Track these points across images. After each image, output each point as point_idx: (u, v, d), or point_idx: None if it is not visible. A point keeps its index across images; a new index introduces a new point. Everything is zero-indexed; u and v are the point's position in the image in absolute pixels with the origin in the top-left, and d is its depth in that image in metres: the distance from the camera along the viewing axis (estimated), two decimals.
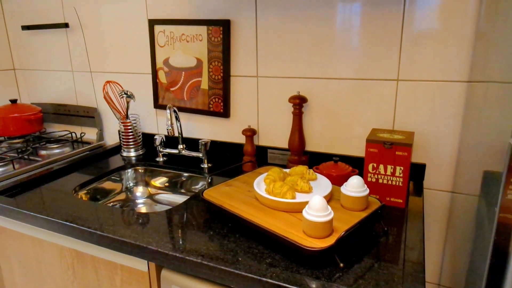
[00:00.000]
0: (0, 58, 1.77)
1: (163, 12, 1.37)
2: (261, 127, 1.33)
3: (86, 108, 1.66)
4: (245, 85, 1.31)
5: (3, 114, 1.56)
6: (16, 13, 1.72)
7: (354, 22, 1.10)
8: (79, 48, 1.60)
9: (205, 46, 1.32)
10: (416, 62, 1.06)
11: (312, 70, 1.19)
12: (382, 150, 0.99)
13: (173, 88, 1.43)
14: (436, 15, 1.01)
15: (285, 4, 1.17)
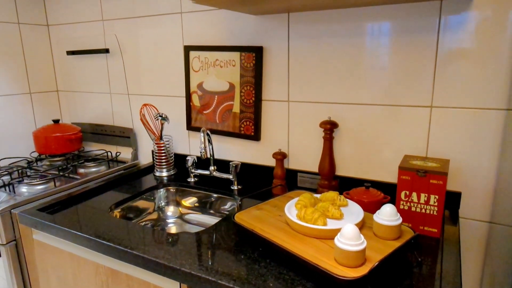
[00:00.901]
0: (46, 81, 1.89)
1: (198, 38, 1.43)
2: (292, 150, 1.35)
3: (122, 128, 1.73)
4: (276, 109, 1.34)
5: (46, 134, 1.66)
6: (62, 40, 1.84)
7: (386, 49, 1.11)
8: (118, 72, 1.69)
9: (237, 71, 1.36)
10: (451, 89, 1.05)
11: (343, 95, 1.20)
12: (415, 178, 0.97)
13: (206, 111, 1.47)
14: (471, 40, 1.00)
15: (316, 32, 1.20)
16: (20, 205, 1.26)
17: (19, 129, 1.80)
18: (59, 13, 1.81)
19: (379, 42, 1.12)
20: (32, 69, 1.82)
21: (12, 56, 1.73)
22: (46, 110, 1.91)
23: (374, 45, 1.13)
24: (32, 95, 1.84)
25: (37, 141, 1.67)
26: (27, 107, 1.82)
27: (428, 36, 1.05)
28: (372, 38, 1.12)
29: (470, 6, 0.99)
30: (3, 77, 1.71)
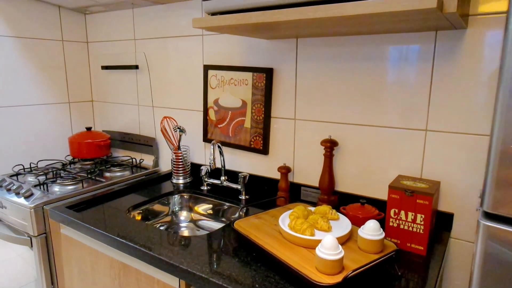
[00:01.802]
0: (82, 92, 2.10)
1: (216, 59, 1.57)
2: (297, 165, 1.43)
3: (146, 137, 1.89)
4: (283, 126, 1.44)
5: (79, 140, 1.84)
6: (98, 56, 2.04)
7: (385, 74, 1.19)
8: (145, 86, 1.85)
9: (250, 90, 1.48)
10: (444, 114, 1.11)
11: (345, 116, 1.28)
12: (404, 197, 1.03)
13: (221, 125, 1.59)
14: (463, 69, 1.06)
15: (321, 56, 1.29)
16: (52, 202, 1.42)
17: (58, 134, 2.00)
18: (97, 31, 2.02)
19: (379, 67, 1.19)
20: (71, 81, 2.03)
21: (55, 69, 1.94)
22: (81, 118, 2.11)
23: (374, 70, 1.20)
24: (70, 105, 2.04)
25: (72, 146, 1.86)
26: (66, 115, 2.02)
27: (424, 63, 1.12)
28: (372, 64, 1.20)
29: (462, 36, 1.05)
30: (47, 88, 1.92)
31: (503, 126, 0.62)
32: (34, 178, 1.64)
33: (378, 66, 1.20)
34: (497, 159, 0.63)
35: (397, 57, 1.16)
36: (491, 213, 0.65)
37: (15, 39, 1.77)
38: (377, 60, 1.19)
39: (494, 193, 0.64)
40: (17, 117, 1.82)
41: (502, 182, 0.63)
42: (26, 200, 1.41)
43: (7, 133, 1.79)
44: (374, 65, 1.20)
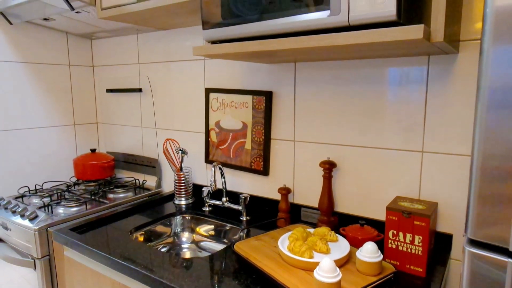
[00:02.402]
0: (88, 114, 2.15)
1: (217, 82, 1.61)
2: (297, 186, 1.45)
3: (149, 159, 1.92)
4: (283, 148, 1.46)
5: (83, 161, 1.87)
6: (103, 79, 2.10)
7: (381, 97, 1.22)
8: (148, 108, 1.90)
9: (250, 112, 1.51)
10: (439, 136, 1.13)
11: (343, 138, 1.31)
12: (401, 219, 1.05)
13: (222, 147, 1.62)
14: (456, 92, 1.09)
15: (319, 80, 1.33)
16: (56, 224, 1.45)
17: (63, 155, 2.04)
18: (103, 56, 2.08)
19: (374, 90, 1.22)
20: (77, 104, 2.08)
21: (62, 92, 2.00)
22: (86, 139, 2.15)
23: (370, 93, 1.23)
24: (76, 126, 2.09)
25: (76, 167, 1.89)
26: (71, 137, 2.07)
27: (418, 86, 1.15)
28: (368, 86, 1.23)
29: (454, 61, 1.08)
30: (53, 111, 1.97)
31: (482, 146, 0.63)
32: (39, 200, 1.67)
33: (373, 88, 1.23)
34: (478, 180, 0.65)
35: (392, 80, 1.19)
36: (474, 240, 0.66)
37: (24, 65, 1.83)
38: (372, 83, 1.23)
39: (477, 219, 0.65)
40: (24, 140, 1.86)
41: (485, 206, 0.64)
42: (31, 222, 1.44)
43: (14, 155, 1.83)
44: (370, 88, 1.23)
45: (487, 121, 0.62)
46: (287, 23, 0.90)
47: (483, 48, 0.61)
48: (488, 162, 0.63)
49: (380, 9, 0.77)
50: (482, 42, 0.61)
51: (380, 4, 0.77)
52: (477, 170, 0.65)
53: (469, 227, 0.66)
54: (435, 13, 0.77)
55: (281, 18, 0.91)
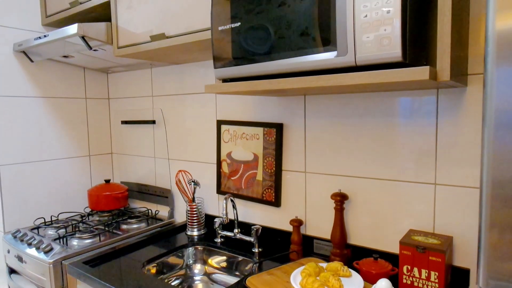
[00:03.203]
0: (103, 145, 2.20)
1: (229, 114, 1.64)
2: (308, 217, 1.45)
3: (162, 189, 1.94)
4: (294, 179, 1.47)
5: (98, 192, 1.91)
6: (118, 111, 2.16)
7: (391, 130, 1.22)
8: (161, 140, 1.94)
9: (261, 144, 1.53)
10: (452, 168, 1.12)
11: (354, 169, 1.31)
12: (416, 254, 1.03)
13: (233, 178, 1.64)
14: (466, 124, 1.09)
15: (328, 112, 1.35)
16: (70, 257, 1.46)
17: (78, 186, 2.08)
18: (118, 88, 2.15)
19: (385, 122, 1.23)
20: (92, 135, 2.14)
21: (78, 124, 2.06)
22: (101, 169, 2.20)
23: (380, 125, 1.24)
24: (91, 157, 2.14)
25: (91, 198, 1.93)
26: (86, 167, 2.11)
27: (428, 119, 1.15)
28: (379, 119, 1.25)
29: (463, 94, 1.09)
30: (70, 142, 2.03)
31: (491, 171, 0.62)
32: (54, 232, 1.70)
33: (384, 120, 1.24)
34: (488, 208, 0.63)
35: (402, 112, 1.20)
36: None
37: (43, 99, 1.91)
38: (382, 114, 1.24)
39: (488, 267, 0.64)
40: (41, 171, 1.91)
41: (497, 248, 0.63)
42: (46, 255, 1.46)
43: (31, 187, 1.87)
44: (380, 119, 1.24)
45: (495, 143, 0.61)
46: (296, 63, 0.93)
47: (487, 69, 0.61)
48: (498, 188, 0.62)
49: (386, 50, 0.79)
50: (486, 63, 0.61)
51: (386, 46, 0.79)
52: (487, 196, 0.63)
53: (480, 276, 0.65)
54: (441, 53, 0.79)
55: (290, 59, 0.94)
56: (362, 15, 0.81)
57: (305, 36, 0.90)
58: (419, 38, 0.86)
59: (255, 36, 1.00)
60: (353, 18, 0.83)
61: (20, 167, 1.84)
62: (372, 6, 0.80)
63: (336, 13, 0.85)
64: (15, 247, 1.62)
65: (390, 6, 0.78)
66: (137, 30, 1.44)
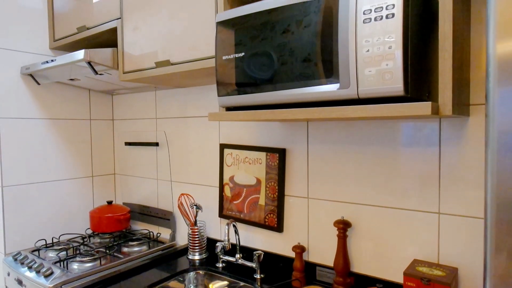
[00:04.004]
0: (106, 165, 2.21)
1: (232, 138, 1.65)
2: (311, 243, 1.43)
3: (164, 211, 1.94)
4: (297, 204, 1.46)
5: (99, 214, 1.90)
6: (122, 132, 2.18)
7: (395, 157, 1.22)
8: (164, 162, 1.94)
9: (263, 168, 1.53)
10: (456, 198, 1.12)
11: (357, 196, 1.30)
12: (420, 286, 1.01)
13: (236, 202, 1.63)
14: (469, 154, 1.09)
15: (332, 138, 1.35)
16: (70, 281, 1.45)
17: (80, 207, 2.07)
18: (122, 110, 2.17)
19: (388, 149, 1.23)
20: (96, 156, 2.15)
21: (82, 145, 2.08)
22: (103, 190, 2.20)
23: (383, 152, 1.24)
24: (94, 178, 2.14)
25: (92, 220, 1.92)
26: (88, 188, 2.12)
27: (431, 147, 1.15)
28: (382, 146, 1.25)
29: (466, 124, 1.09)
30: (73, 163, 2.03)
31: (495, 191, 0.61)
32: (55, 255, 1.69)
33: (387, 148, 1.24)
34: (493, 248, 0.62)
35: (404, 139, 1.20)
36: None
37: (48, 121, 1.92)
38: (385, 142, 1.24)
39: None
40: (43, 192, 1.91)
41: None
42: (46, 279, 1.44)
43: (33, 207, 1.87)
44: (383, 147, 1.25)
45: (499, 165, 0.61)
46: (299, 94, 0.94)
47: (489, 91, 0.60)
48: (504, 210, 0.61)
49: (388, 84, 0.80)
50: (487, 85, 0.61)
51: (388, 80, 0.80)
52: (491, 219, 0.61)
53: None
54: (442, 88, 0.79)
55: (293, 89, 0.95)
56: (364, 50, 0.83)
57: (307, 63, 0.91)
58: (421, 70, 0.87)
59: (258, 63, 1.01)
60: (355, 52, 0.84)
61: (23, 188, 1.84)
62: (374, 41, 0.81)
63: (338, 46, 0.87)
64: (15, 270, 1.60)
65: (392, 42, 0.79)
66: (142, 51, 1.46)
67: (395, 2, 0.78)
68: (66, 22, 1.82)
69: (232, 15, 1.07)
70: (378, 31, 0.80)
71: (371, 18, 0.81)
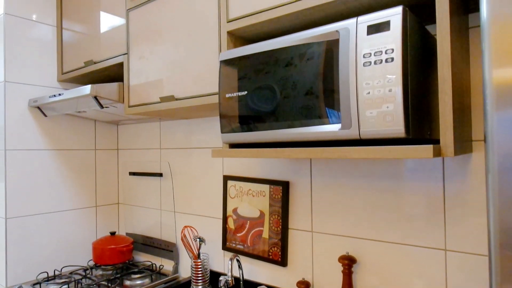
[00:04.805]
0: (110, 195, 2.21)
1: (235, 170, 1.66)
2: (316, 279, 1.40)
3: (167, 242, 1.92)
4: (301, 238, 1.44)
5: (102, 245, 1.89)
6: (127, 162, 2.19)
7: (399, 193, 1.21)
8: (168, 192, 1.94)
9: (267, 201, 1.52)
10: (462, 235, 1.10)
11: (362, 231, 1.29)
12: None
13: (239, 234, 1.62)
14: (472, 190, 1.08)
15: (335, 173, 1.35)
16: None
17: (83, 238, 2.06)
18: (127, 140, 2.19)
19: (392, 184, 1.23)
20: (100, 185, 2.16)
21: (86, 175, 2.09)
22: (107, 220, 2.19)
23: (387, 188, 1.24)
24: (97, 208, 2.14)
25: (95, 251, 1.91)
26: (92, 219, 2.11)
27: (435, 183, 1.15)
28: (386, 181, 1.24)
29: (469, 159, 1.09)
30: (77, 194, 2.04)
31: (498, 216, 0.60)
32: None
33: (391, 182, 1.23)
34: None
35: (408, 174, 1.20)
36: None
37: (54, 151, 1.95)
38: (390, 176, 1.24)
39: None
40: (47, 224, 1.91)
41: None
42: None
43: (36, 240, 1.87)
44: (387, 181, 1.24)
45: (500, 189, 0.60)
46: (301, 133, 0.95)
47: (486, 115, 0.60)
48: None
49: (389, 126, 0.81)
50: (484, 106, 0.61)
51: (389, 122, 0.81)
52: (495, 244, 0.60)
53: None
54: (443, 129, 0.80)
55: (295, 128, 0.96)
56: (364, 92, 0.84)
57: (309, 96, 0.92)
58: (422, 110, 0.88)
59: (261, 96, 1.02)
60: (356, 94, 0.85)
61: (27, 220, 1.84)
62: (374, 83, 0.82)
63: (339, 88, 0.88)
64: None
65: (392, 85, 0.80)
66: (148, 80, 1.49)
67: (394, 47, 0.80)
68: (74, 55, 1.87)
69: (235, 54, 1.10)
70: (378, 74, 0.82)
71: (371, 62, 0.83)
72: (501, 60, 0.61)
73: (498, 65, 0.61)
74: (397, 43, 0.80)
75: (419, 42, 0.88)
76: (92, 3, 1.78)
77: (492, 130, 0.62)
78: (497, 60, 0.61)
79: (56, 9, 1.98)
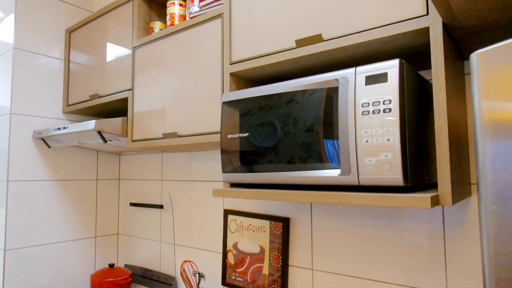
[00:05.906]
0: (110, 225, 2.20)
1: (236, 204, 1.66)
2: None
3: (166, 275, 1.90)
4: (301, 276, 1.43)
5: (101, 278, 1.87)
6: (128, 194, 2.20)
7: (400, 234, 1.22)
8: (168, 224, 1.94)
9: (267, 237, 1.52)
10: (463, 278, 1.09)
11: (363, 271, 1.28)
12: None
13: (239, 269, 1.61)
14: (472, 234, 1.08)
15: (335, 212, 1.36)
16: None
17: (82, 269, 2.05)
18: (129, 170, 2.21)
19: (393, 225, 1.23)
20: (100, 216, 2.16)
21: (87, 205, 2.09)
22: (106, 251, 2.17)
23: (388, 228, 1.24)
24: (97, 239, 2.13)
25: (93, 284, 1.88)
26: (91, 249, 2.10)
27: (435, 225, 1.15)
28: (387, 221, 1.25)
29: (469, 202, 1.10)
30: (77, 224, 2.04)
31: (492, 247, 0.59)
32: None
33: (392, 222, 1.24)
34: None
35: (410, 217, 1.20)
36: None
37: (56, 182, 1.96)
38: (391, 217, 1.24)
39: None
40: (46, 255, 1.90)
41: None
42: None
43: (34, 272, 1.85)
44: (388, 222, 1.24)
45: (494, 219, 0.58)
46: (301, 177, 0.96)
47: (477, 144, 0.60)
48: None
49: (388, 174, 0.83)
50: (475, 134, 0.60)
51: (387, 170, 0.82)
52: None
53: None
54: (441, 179, 0.81)
55: (295, 172, 0.98)
56: (363, 140, 0.86)
57: (310, 132, 0.94)
58: (420, 157, 0.89)
59: (263, 134, 1.04)
60: (355, 141, 0.87)
61: (26, 251, 1.83)
62: (373, 132, 0.85)
63: (339, 134, 0.90)
64: None
65: (390, 135, 0.82)
66: (151, 107, 1.51)
67: (391, 98, 0.83)
68: (80, 88, 1.92)
69: (237, 97, 1.13)
70: (376, 123, 0.84)
71: (369, 111, 0.85)
72: (489, 93, 0.61)
73: (486, 98, 0.62)
74: (394, 95, 0.82)
75: (416, 90, 0.91)
76: (99, 38, 1.84)
77: (483, 156, 0.60)
78: (485, 93, 0.62)
79: (64, 42, 2.04)
